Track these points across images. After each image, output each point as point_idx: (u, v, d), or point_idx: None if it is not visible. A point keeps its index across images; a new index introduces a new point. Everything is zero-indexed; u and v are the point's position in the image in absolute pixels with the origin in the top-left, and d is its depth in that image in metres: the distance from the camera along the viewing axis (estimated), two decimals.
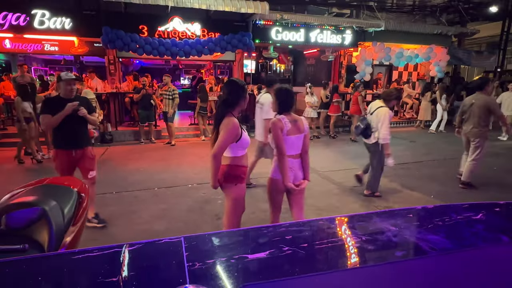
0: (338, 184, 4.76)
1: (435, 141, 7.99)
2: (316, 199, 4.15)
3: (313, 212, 3.72)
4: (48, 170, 5.42)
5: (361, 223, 1.27)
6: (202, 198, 4.13)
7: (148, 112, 7.58)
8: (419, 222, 1.26)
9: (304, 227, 1.23)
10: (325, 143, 7.90)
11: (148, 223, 3.41)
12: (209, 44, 7.94)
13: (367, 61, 9.80)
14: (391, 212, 1.32)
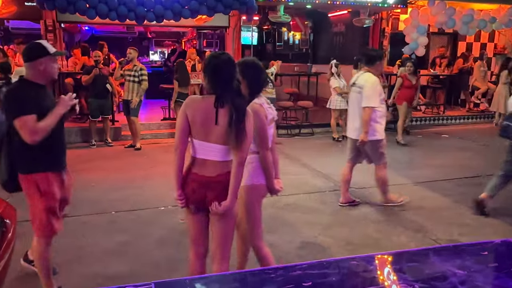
0: (378, 206, 4.79)
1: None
2: (346, 227, 4.18)
3: (342, 246, 3.76)
4: None
5: (413, 264, 1.27)
6: (179, 227, 4.15)
7: (102, 101, 7.63)
8: (497, 263, 1.26)
9: (329, 269, 1.23)
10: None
11: (102, 263, 3.42)
12: (191, 3, 7.96)
13: (420, 27, 9.83)
14: (457, 248, 1.32)
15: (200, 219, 2.45)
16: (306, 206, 4.76)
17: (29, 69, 2.58)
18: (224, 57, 2.33)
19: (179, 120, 2.29)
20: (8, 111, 2.48)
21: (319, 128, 9.34)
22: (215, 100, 2.26)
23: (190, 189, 2.33)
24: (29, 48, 2.60)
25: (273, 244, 3.76)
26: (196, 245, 2.52)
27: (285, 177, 5.74)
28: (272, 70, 8.50)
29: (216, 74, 2.29)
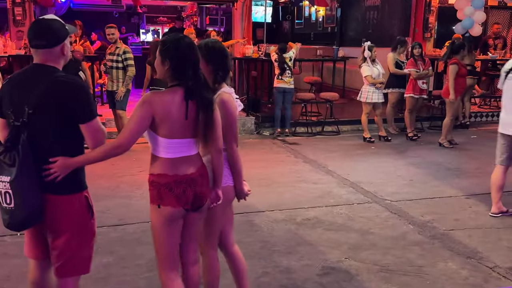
0: (420, 224, 4.72)
1: None
2: (380, 249, 4.12)
3: (374, 273, 3.71)
4: None
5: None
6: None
7: None
8: None
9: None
10: (398, 149, 7.88)
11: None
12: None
13: (476, 0, 9.66)
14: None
15: (179, 227, 2.55)
16: (330, 222, 4.71)
17: (48, 54, 2.36)
18: (188, 40, 2.46)
19: (138, 119, 2.34)
20: (87, 109, 2.35)
21: (346, 125, 9.28)
22: (185, 93, 2.38)
23: (181, 191, 2.44)
24: (49, 30, 2.36)
25: (288, 268, 3.73)
26: (174, 262, 2.58)
27: (303, 186, 5.82)
28: (290, 54, 8.45)
29: (182, 61, 2.37)
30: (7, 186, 2.27)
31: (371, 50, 7.96)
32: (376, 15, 12.70)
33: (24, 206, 2.28)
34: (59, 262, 2.40)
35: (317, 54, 12.05)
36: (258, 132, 8.92)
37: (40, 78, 2.32)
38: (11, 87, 2.39)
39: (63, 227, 2.36)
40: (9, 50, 8.46)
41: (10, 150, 2.29)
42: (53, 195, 2.35)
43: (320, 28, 14.83)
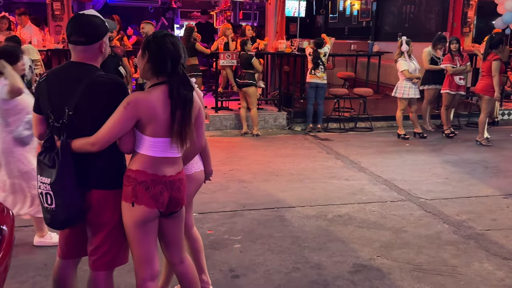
0: (456, 223, 4.64)
1: None
2: (413, 248, 4.08)
3: (407, 272, 3.67)
4: None
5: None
6: (207, 240, 4.19)
7: None
8: None
9: None
10: (434, 146, 7.74)
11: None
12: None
13: None
14: None
15: (153, 228, 2.47)
16: (362, 219, 4.67)
17: (87, 51, 2.37)
18: (175, 37, 2.41)
19: (121, 121, 2.26)
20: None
21: (380, 121, 9.17)
22: (170, 91, 2.30)
23: (157, 192, 2.37)
24: (90, 26, 2.36)
25: (319, 264, 3.73)
26: (152, 264, 2.49)
27: (335, 182, 5.79)
28: (325, 49, 8.39)
29: (169, 59, 2.31)
30: (47, 188, 2.30)
31: (409, 45, 7.83)
32: (413, 9, 12.47)
33: (65, 207, 2.32)
34: (96, 255, 2.44)
35: (351, 49, 11.92)
36: (289, 128, 8.91)
37: (79, 78, 2.32)
38: (49, 86, 2.39)
39: (106, 220, 2.41)
40: (48, 44, 8.71)
41: (49, 151, 2.33)
42: (99, 190, 2.38)
43: (354, 22, 14.67)
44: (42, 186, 2.33)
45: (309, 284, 3.47)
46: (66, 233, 2.54)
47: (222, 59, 8.54)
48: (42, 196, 2.35)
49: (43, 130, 2.44)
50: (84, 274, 2.75)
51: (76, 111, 2.30)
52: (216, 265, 3.73)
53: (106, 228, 2.41)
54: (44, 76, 2.47)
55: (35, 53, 7.33)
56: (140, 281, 2.48)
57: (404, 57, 7.85)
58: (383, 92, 11.08)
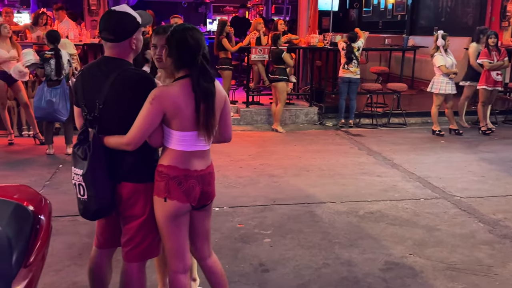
0: (491, 222, 4.54)
1: None
2: (447, 247, 4.01)
3: (440, 271, 3.61)
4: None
5: None
6: (237, 233, 4.23)
7: None
8: None
9: None
10: (470, 143, 7.57)
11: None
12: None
13: None
14: None
15: (185, 222, 2.51)
16: (394, 217, 4.61)
17: (116, 47, 2.41)
18: (195, 30, 2.40)
19: (148, 116, 2.29)
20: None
21: (414, 117, 9.02)
22: (192, 84, 2.31)
23: (190, 186, 2.40)
24: (119, 23, 2.41)
25: (349, 261, 3.71)
26: (184, 257, 2.53)
27: (367, 179, 5.73)
28: (359, 44, 8.30)
29: (188, 52, 2.32)
30: (80, 179, 2.37)
31: (445, 39, 7.65)
32: (450, 3, 12.18)
33: (96, 198, 2.38)
34: (129, 247, 2.50)
35: (385, 43, 11.73)
36: (321, 123, 8.85)
37: (109, 72, 2.38)
38: (83, 80, 2.47)
39: (137, 213, 2.46)
40: (84, 39, 8.90)
41: (82, 143, 2.40)
42: (129, 183, 2.43)
43: (389, 16, 14.42)
44: (75, 177, 2.40)
45: (339, 281, 3.46)
46: (103, 223, 2.61)
47: (253, 54, 8.55)
48: (76, 187, 2.42)
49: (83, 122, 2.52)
50: (118, 264, 2.81)
51: (105, 105, 2.36)
52: (246, 259, 3.76)
53: (137, 221, 2.46)
54: (80, 71, 2.56)
55: (71, 48, 7.51)
56: (172, 274, 2.53)
57: (441, 52, 7.69)
58: (418, 87, 10.87)
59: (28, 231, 2.14)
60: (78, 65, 7.64)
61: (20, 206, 2.24)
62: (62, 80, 6.23)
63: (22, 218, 2.17)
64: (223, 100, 2.48)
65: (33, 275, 2.04)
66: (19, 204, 2.25)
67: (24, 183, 3.97)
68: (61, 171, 5.86)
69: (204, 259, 2.68)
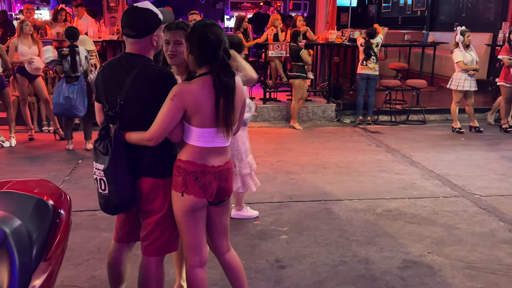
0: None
1: None
2: (466, 245, 3.97)
3: (459, 270, 3.57)
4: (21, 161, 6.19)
5: None
6: (254, 230, 4.24)
7: None
8: None
9: None
10: (490, 141, 7.47)
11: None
12: None
13: None
14: None
15: (202, 217, 2.52)
16: (412, 214, 4.57)
17: (138, 44, 2.42)
18: (215, 25, 2.40)
19: (169, 113, 2.31)
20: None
21: (433, 114, 8.92)
22: (213, 80, 2.32)
23: (206, 182, 2.41)
24: (141, 19, 2.42)
25: (367, 259, 3.69)
26: (201, 251, 2.55)
27: (385, 176, 5.69)
28: (378, 40, 8.22)
29: (209, 48, 2.32)
30: (101, 174, 2.41)
31: (464, 35, 7.54)
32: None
33: (117, 193, 2.41)
34: (148, 241, 2.53)
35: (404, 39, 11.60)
36: (338, 120, 8.81)
37: (130, 69, 2.40)
38: (104, 77, 2.49)
39: (156, 208, 2.48)
40: (103, 36, 8.99)
41: (104, 139, 2.43)
42: (149, 178, 2.46)
43: (409, 12, 14.26)
44: (97, 172, 2.44)
45: (356, 278, 3.45)
46: (122, 218, 2.65)
47: (271, 50, 8.54)
48: (97, 181, 2.45)
49: (104, 118, 2.55)
50: (137, 259, 2.85)
51: (126, 101, 2.38)
52: (263, 255, 3.77)
53: (157, 215, 2.48)
54: (101, 67, 2.58)
55: (90, 44, 7.59)
56: (190, 268, 2.55)
57: (460, 47, 7.57)
58: (438, 84, 10.73)
59: (48, 225, 2.17)
60: (97, 62, 7.72)
61: (40, 200, 2.27)
62: (79, 77, 6.31)
63: (43, 212, 2.20)
64: (243, 97, 2.50)
65: (52, 268, 2.07)
66: (39, 199, 2.28)
67: (44, 177, 4.02)
68: (81, 166, 5.94)
69: (222, 254, 2.70)
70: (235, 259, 2.72)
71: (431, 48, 10.72)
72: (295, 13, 13.98)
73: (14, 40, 6.90)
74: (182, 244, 2.58)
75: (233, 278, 2.72)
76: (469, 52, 7.60)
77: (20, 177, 3.93)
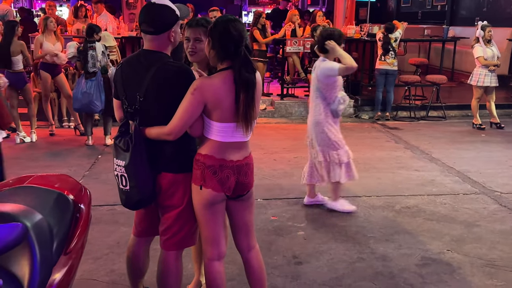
0: None
1: None
2: (486, 243, 3.91)
3: (478, 268, 3.53)
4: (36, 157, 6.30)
5: None
6: (271, 225, 4.25)
7: None
8: None
9: None
10: (510, 137, 7.29)
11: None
12: None
13: None
14: None
15: (220, 211, 2.53)
16: (432, 212, 4.52)
17: (156, 40, 2.44)
18: (237, 21, 2.40)
19: (190, 107, 2.32)
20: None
21: (454, 110, 8.80)
22: (235, 75, 2.32)
23: (224, 176, 2.42)
24: (159, 16, 2.42)
25: (385, 256, 3.67)
26: (219, 244, 2.57)
27: (404, 173, 5.64)
28: (396, 34, 8.13)
29: (231, 43, 2.33)
30: (122, 170, 2.44)
31: (485, 30, 7.40)
32: None
33: (138, 188, 2.44)
34: (167, 235, 2.55)
35: (424, 34, 11.46)
36: (356, 116, 8.74)
37: (149, 65, 2.41)
38: (123, 74, 2.51)
39: (176, 203, 2.50)
40: (122, 32, 9.08)
41: (124, 135, 2.46)
42: (168, 173, 2.48)
43: (429, 6, 14.07)
44: (117, 169, 2.47)
45: (373, 275, 3.43)
46: (142, 212, 2.68)
47: (288, 46, 8.50)
48: (118, 178, 2.48)
49: (123, 115, 2.58)
50: (155, 253, 2.87)
51: (146, 97, 2.40)
52: (280, 251, 3.77)
53: (176, 210, 2.51)
54: (120, 64, 2.60)
55: (111, 40, 7.67)
56: (207, 261, 2.57)
57: (481, 43, 7.44)
58: (458, 79, 10.58)
59: (68, 219, 2.21)
60: (119, 58, 7.80)
61: (61, 195, 2.31)
62: (97, 72, 6.38)
63: (63, 206, 2.24)
64: (261, 88, 2.51)
65: (72, 262, 2.11)
66: (60, 193, 2.32)
67: (64, 172, 4.07)
68: (100, 161, 6.02)
69: (243, 251, 2.70)
70: (256, 260, 2.70)
71: (452, 43, 10.57)
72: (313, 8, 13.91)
73: (38, 36, 7.00)
74: (201, 237, 2.60)
75: (251, 278, 2.72)
76: (490, 47, 7.46)
77: (41, 172, 3.98)
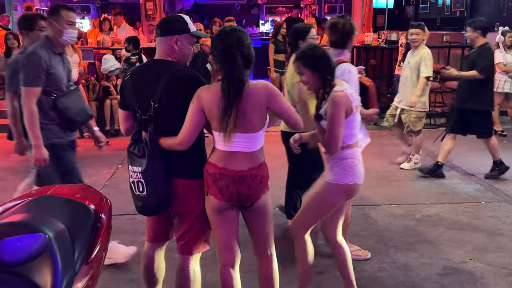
0: None
1: None
2: (510, 252, 3.85)
3: (501, 277, 3.47)
4: None
5: None
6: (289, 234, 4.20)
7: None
8: None
9: None
10: None
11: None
12: None
13: None
14: None
15: (230, 218, 2.56)
16: (453, 220, 4.46)
17: (161, 43, 2.56)
18: (234, 31, 2.42)
19: (192, 115, 2.41)
20: None
21: None
22: (222, 86, 2.37)
23: (224, 185, 2.44)
24: (167, 21, 2.61)
25: (407, 265, 3.63)
26: (232, 250, 2.61)
27: (425, 181, 5.54)
28: None
29: (220, 54, 2.40)
30: (139, 176, 2.48)
31: (505, 35, 7.32)
32: None
33: (155, 194, 2.48)
34: (183, 241, 2.61)
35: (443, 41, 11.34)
36: (375, 123, 8.66)
37: (161, 73, 2.48)
38: (133, 83, 2.56)
39: (190, 209, 2.56)
40: (141, 43, 9.18)
41: (138, 142, 2.52)
42: (182, 180, 2.53)
43: (447, 12, 13.93)
44: (133, 175, 2.51)
45: (395, 285, 3.40)
46: (153, 218, 2.74)
47: None
48: (134, 184, 2.53)
49: (129, 126, 2.66)
50: (174, 263, 2.88)
51: (160, 104, 2.46)
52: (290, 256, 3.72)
53: (191, 216, 2.57)
54: (128, 74, 2.64)
55: None
56: (221, 266, 2.63)
57: (501, 48, 7.35)
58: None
59: (89, 229, 2.23)
60: None
61: (82, 205, 2.33)
62: None
63: (84, 216, 2.26)
64: (264, 98, 2.43)
65: (93, 272, 2.13)
66: (81, 203, 2.34)
67: (85, 182, 4.13)
68: (120, 171, 6.08)
69: (258, 258, 2.73)
70: (266, 269, 2.71)
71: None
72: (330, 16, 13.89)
73: None
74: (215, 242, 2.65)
75: (260, 285, 2.77)
76: (510, 53, 7.36)
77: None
